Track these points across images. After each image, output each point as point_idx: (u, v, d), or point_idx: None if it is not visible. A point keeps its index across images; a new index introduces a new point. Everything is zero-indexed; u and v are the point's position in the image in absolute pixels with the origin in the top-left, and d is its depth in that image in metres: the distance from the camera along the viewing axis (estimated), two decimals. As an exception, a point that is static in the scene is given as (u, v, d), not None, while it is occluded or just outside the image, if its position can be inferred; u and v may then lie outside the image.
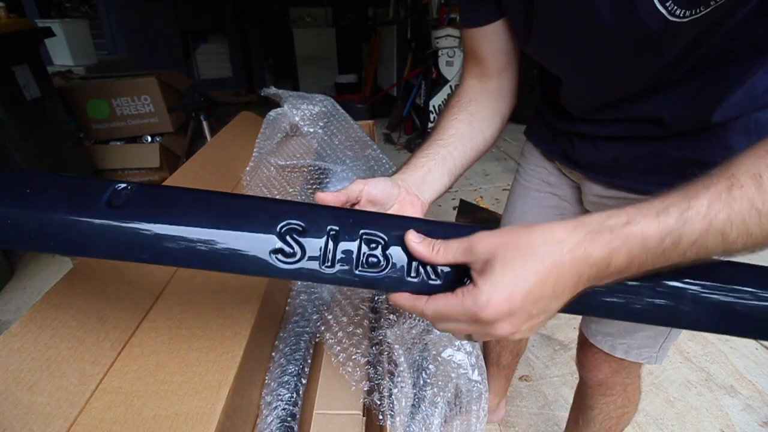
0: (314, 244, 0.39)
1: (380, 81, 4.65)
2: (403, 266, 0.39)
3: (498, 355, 1.07)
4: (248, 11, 5.01)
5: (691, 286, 0.39)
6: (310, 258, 0.39)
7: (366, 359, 0.56)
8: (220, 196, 0.42)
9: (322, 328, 0.62)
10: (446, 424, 0.55)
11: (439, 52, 3.16)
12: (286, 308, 0.68)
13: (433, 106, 3.33)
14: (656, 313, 0.40)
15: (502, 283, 0.33)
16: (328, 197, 0.45)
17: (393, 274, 0.39)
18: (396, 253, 0.40)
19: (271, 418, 0.51)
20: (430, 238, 0.39)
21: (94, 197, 0.39)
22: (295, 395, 0.54)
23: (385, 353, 0.58)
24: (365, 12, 5.01)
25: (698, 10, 0.40)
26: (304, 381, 0.57)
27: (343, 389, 0.55)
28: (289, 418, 0.51)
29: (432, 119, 3.36)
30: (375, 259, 0.39)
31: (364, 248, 0.39)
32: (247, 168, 1.04)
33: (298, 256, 0.39)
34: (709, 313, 0.40)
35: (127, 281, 0.62)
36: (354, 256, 0.39)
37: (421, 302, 0.38)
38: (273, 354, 0.61)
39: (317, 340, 0.62)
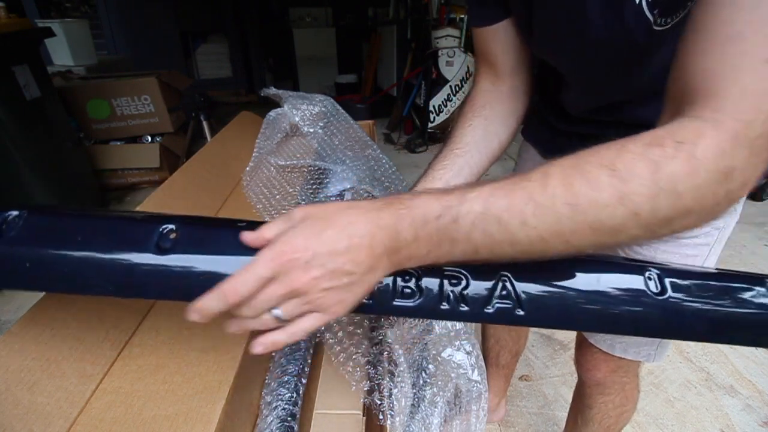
0: None
1: (380, 81, 4.65)
2: (435, 296, 0.41)
3: (497, 355, 1.07)
4: (248, 11, 5.01)
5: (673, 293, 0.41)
6: None
7: (366, 359, 0.56)
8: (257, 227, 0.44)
9: (322, 327, 0.62)
10: (446, 424, 0.55)
11: (439, 52, 3.16)
12: (286, 308, 0.68)
13: (433, 106, 3.33)
14: (633, 322, 0.42)
15: (301, 231, 0.34)
16: None
17: (426, 304, 0.41)
18: (428, 285, 0.42)
19: (271, 418, 0.51)
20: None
21: (145, 242, 0.41)
22: (295, 395, 0.54)
23: (385, 353, 0.58)
24: (365, 12, 5.01)
25: (678, 15, 0.40)
26: (304, 381, 0.57)
27: (343, 389, 0.55)
28: (289, 418, 0.51)
29: (432, 119, 3.36)
30: (409, 291, 0.41)
31: (399, 282, 0.41)
32: (247, 168, 1.04)
33: None
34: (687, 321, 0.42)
35: (127, 281, 0.62)
36: (390, 290, 0.41)
37: (215, 290, 0.34)
38: (273, 354, 0.61)
39: (317, 339, 0.63)
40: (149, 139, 2.87)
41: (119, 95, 2.71)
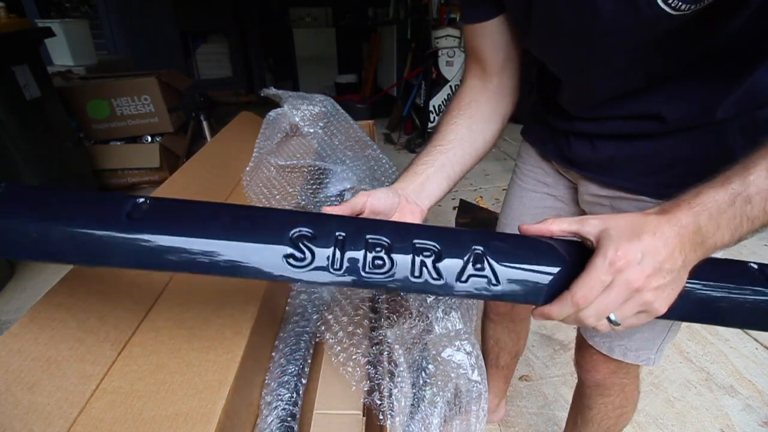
0: (323, 250, 0.41)
1: (380, 81, 4.65)
2: (407, 267, 0.42)
3: (497, 356, 1.07)
4: (248, 11, 5.01)
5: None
6: (319, 263, 0.41)
7: (366, 359, 0.56)
8: (232, 208, 0.45)
9: (322, 327, 0.62)
10: (446, 424, 0.55)
11: (439, 52, 3.16)
12: (286, 308, 0.68)
13: (433, 106, 3.33)
14: None
15: (621, 238, 0.38)
16: (334, 211, 0.46)
17: (398, 276, 0.42)
18: (400, 256, 0.42)
19: (271, 418, 0.51)
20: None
21: (115, 211, 0.41)
22: (295, 395, 0.54)
23: (385, 353, 0.58)
24: (365, 12, 5.00)
25: (701, 2, 0.40)
26: (304, 381, 0.57)
27: (343, 389, 0.55)
28: (289, 418, 0.51)
29: (432, 119, 3.36)
30: (380, 262, 0.42)
31: (370, 253, 0.42)
32: (247, 168, 1.04)
33: (308, 260, 0.41)
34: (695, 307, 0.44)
35: (127, 281, 0.62)
36: (360, 259, 0.42)
37: (566, 298, 0.39)
38: (273, 354, 0.61)
39: (317, 339, 0.63)
40: (149, 139, 2.87)
41: (119, 95, 2.71)
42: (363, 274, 0.41)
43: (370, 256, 0.42)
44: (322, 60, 5.13)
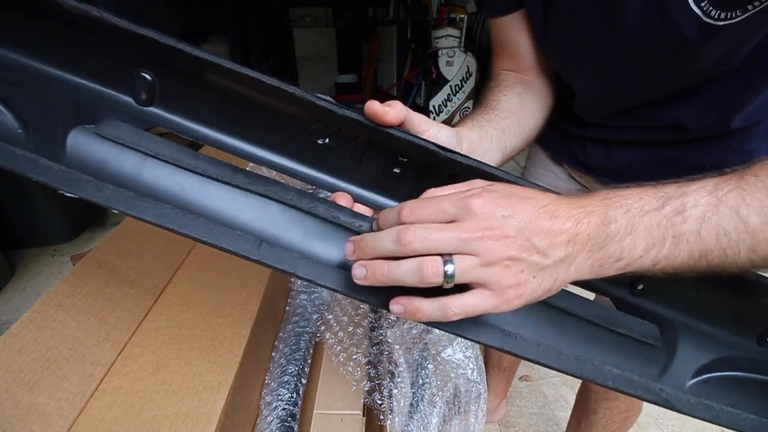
0: None
1: (380, 81, 4.65)
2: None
3: (499, 357, 1.07)
4: (248, 11, 5.02)
5: None
6: None
7: (367, 359, 0.56)
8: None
9: (323, 327, 0.62)
10: (445, 424, 0.55)
11: (439, 52, 3.17)
12: (286, 308, 0.68)
13: (433, 106, 3.33)
14: None
15: (501, 188, 0.30)
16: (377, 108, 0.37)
17: None
18: None
19: (271, 418, 0.51)
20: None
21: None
22: (295, 395, 0.54)
23: (386, 353, 0.58)
24: (365, 12, 5.01)
25: (735, 14, 0.38)
26: (304, 381, 0.57)
27: (343, 389, 0.55)
28: (289, 418, 0.51)
29: (432, 119, 3.35)
30: None
31: None
32: (248, 168, 1.04)
33: None
34: None
35: (127, 282, 0.62)
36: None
37: (396, 206, 0.31)
38: (273, 354, 0.61)
39: (317, 339, 0.63)
40: (149, 139, 2.87)
41: (119, 95, 2.71)
42: None
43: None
44: (322, 60, 5.13)
